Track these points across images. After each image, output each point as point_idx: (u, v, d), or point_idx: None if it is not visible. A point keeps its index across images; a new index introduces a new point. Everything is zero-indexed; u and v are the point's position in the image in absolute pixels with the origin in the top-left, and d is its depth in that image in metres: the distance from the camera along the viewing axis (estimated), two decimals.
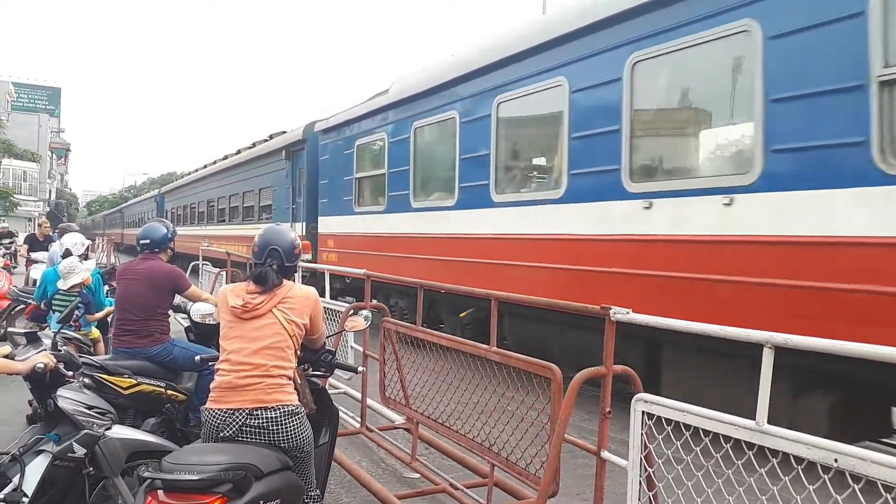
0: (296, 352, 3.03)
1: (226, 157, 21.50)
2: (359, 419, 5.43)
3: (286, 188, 14.49)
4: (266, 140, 17.13)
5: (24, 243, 12.38)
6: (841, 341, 2.25)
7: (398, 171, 9.66)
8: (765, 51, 4.81)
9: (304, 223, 13.31)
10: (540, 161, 7.82)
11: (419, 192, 9.31)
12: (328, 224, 12.25)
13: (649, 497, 2.78)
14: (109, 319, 5.89)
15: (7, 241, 16.04)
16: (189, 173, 29.51)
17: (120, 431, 3.34)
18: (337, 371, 3.69)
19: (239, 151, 19.87)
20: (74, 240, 6.69)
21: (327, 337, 3.43)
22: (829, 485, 2.02)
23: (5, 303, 8.91)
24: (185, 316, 5.13)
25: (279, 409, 2.83)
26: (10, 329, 8.39)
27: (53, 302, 5.79)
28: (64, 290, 5.70)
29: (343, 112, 11.91)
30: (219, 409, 2.84)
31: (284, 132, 15.85)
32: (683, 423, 2.56)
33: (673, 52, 5.50)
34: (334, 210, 11.96)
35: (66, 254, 6.29)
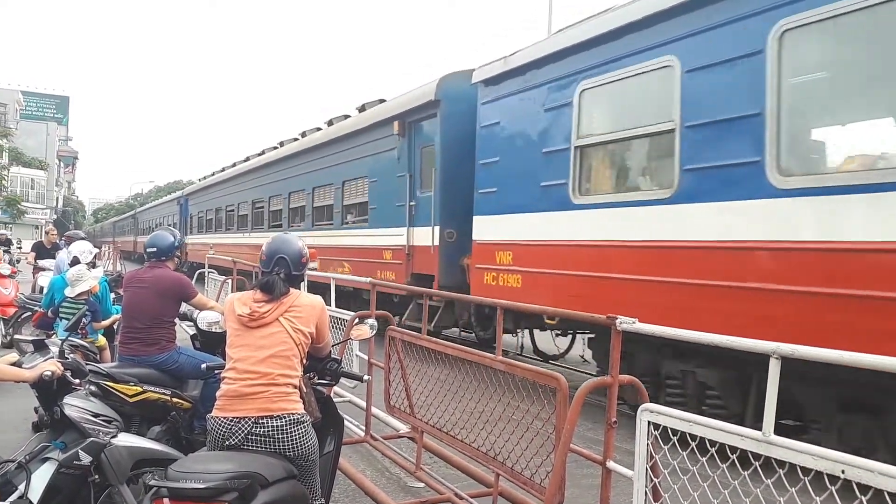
0: (301, 360, 3.05)
1: (280, 145, 17.09)
2: (363, 428, 5.43)
3: (397, 177, 10.24)
4: (345, 117, 12.93)
5: (31, 251, 12.44)
6: (849, 352, 2.24)
7: (721, 121, 5.30)
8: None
9: (437, 227, 9.20)
10: None
11: (790, 157, 4.91)
12: (500, 228, 7.80)
13: None
14: (116, 327, 5.91)
15: (3, 248, 16.05)
16: (212, 174, 25.04)
17: (126, 439, 3.35)
18: (342, 379, 3.69)
19: (304, 134, 15.39)
20: (83, 248, 6.71)
21: (333, 345, 3.43)
22: (835, 496, 2.01)
23: (12, 310, 8.94)
24: (192, 324, 5.15)
25: (285, 417, 2.84)
26: (16, 336, 8.43)
27: (61, 309, 5.81)
28: (71, 298, 5.72)
29: (540, 43, 7.63)
30: (224, 418, 2.84)
31: (383, 100, 11.67)
32: (689, 434, 2.55)
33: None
34: (515, 205, 7.56)
35: (75, 261, 6.31)
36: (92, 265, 6.58)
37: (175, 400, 4.20)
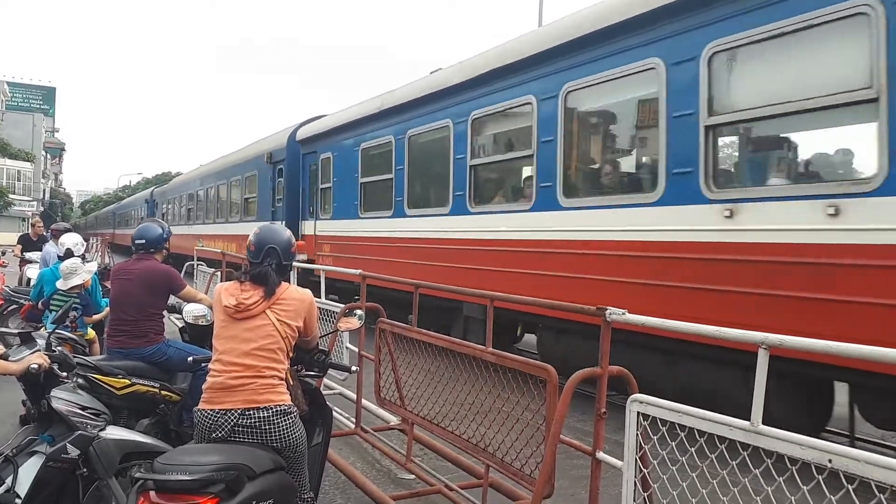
0: (288, 353, 3.02)
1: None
2: (353, 420, 5.42)
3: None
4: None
5: (17, 243, 12.31)
6: (836, 342, 2.24)
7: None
8: None
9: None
10: None
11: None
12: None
13: (644, 498, 2.78)
14: (105, 320, 5.86)
15: None
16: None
17: (114, 432, 3.33)
18: (332, 371, 3.68)
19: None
20: (75, 240, 6.63)
21: (322, 337, 3.42)
22: (823, 485, 2.02)
23: None
24: (180, 316, 5.11)
25: (271, 408, 2.82)
26: (2, 329, 8.34)
27: (52, 302, 5.76)
28: (63, 291, 5.67)
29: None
30: (211, 410, 2.83)
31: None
32: (679, 424, 2.56)
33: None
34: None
35: (68, 254, 6.25)
36: (82, 258, 6.53)
37: (164, 392, 4.18)
